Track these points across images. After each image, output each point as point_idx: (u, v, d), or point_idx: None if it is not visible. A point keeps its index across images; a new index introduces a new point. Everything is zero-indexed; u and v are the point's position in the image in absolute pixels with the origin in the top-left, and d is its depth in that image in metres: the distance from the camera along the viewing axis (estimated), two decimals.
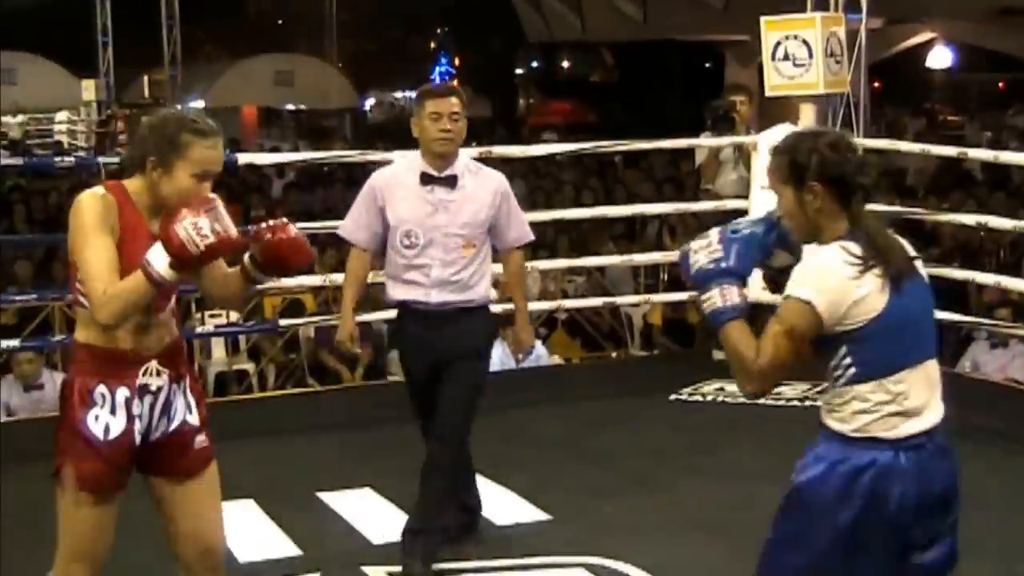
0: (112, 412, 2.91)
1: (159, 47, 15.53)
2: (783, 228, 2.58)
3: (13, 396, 6.63)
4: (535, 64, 34.50)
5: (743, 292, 2.51)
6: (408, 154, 4.57)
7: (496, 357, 5.52)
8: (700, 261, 2.53)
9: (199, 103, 21.90)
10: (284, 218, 2.97)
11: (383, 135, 24.34)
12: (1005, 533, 4.41)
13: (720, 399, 6.18)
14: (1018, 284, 6.47)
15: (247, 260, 2.95)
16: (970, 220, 6.93)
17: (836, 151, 2.51)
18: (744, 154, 6.89)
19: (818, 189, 2.50)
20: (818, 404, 2.62)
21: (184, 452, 3.01)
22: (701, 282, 2.52)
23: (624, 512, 4.72)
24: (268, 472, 5.21)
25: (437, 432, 4.14)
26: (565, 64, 34.33)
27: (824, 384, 2.58)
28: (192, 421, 3.03)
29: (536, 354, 7.58)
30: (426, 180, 4.14)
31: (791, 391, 6.06)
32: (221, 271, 3.06)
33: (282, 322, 7.20)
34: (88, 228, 2.83)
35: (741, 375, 2.48)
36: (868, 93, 7.59)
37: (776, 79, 7.09)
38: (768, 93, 7.20)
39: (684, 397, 6.28)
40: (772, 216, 2.59)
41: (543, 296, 8.46)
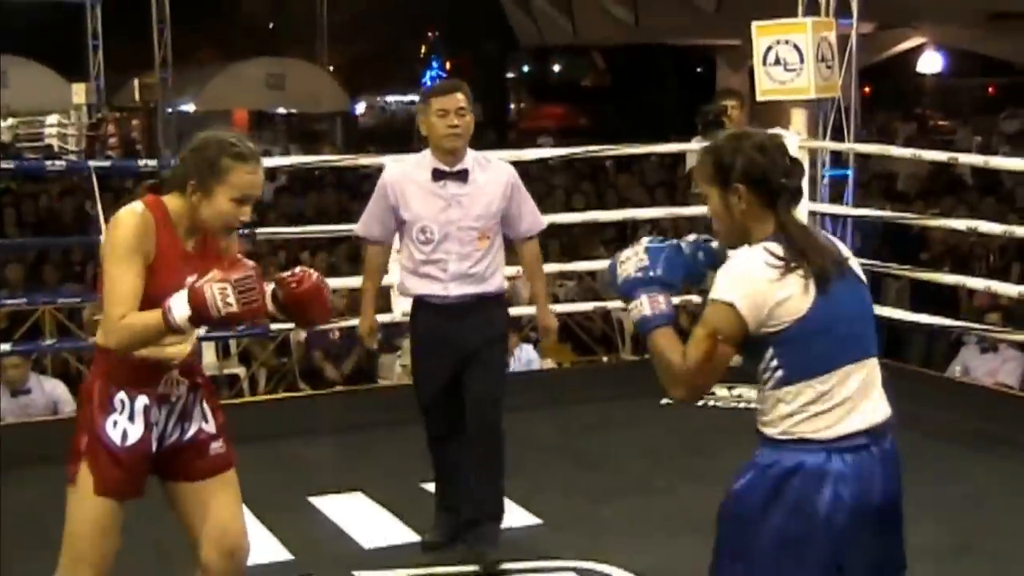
0: (131, 419, 2.93)
1: (150, 50, 15.47)
2: (713, 248, 2.60)
3: (0, 401, 6.57)
4: (526, 68, 34.46)
5: (670, 300, 2.51)
6: (407, 157, 4.59)
7: None
8: (628, 270, 2.55)
9: (190, 106, 21.85)
10: (312, 269, 3.03)
11: (374, 139, 24.32)
12: (1000, 535, 4.44)
13: (711, 404, 6.19)
14: (1008, 289, 6.46)
15: (268, 298, 2.95)
16: (960, 225, 6.93)
17: (762, 153, 2.50)
18: None
19: (742, 191, 2.49)
20: None
21: (200, 456, 3.04)
22: (628, 291, 2.53)
23: (618, 516, 4.73)
24: (259, 477, 5.16)
25: (478, 412, 4.17)
26: (556, 68, 34.29)
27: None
28: (208, 429, 3.06)
29: (528, 358, 7.58)
30: (438, 176, 4.21)
31: None
32: None
33: (273, 326, 7.18)
34: (121, 248, 2.85)
35: (669, 380, 2.46)
36: (859, 98, 7.59)
37: (767, 84, 7.11)
38: (759, 98, 7.21)
39: None
40: (701, 238, 2.63)
41: (533, 300, 8.43)
